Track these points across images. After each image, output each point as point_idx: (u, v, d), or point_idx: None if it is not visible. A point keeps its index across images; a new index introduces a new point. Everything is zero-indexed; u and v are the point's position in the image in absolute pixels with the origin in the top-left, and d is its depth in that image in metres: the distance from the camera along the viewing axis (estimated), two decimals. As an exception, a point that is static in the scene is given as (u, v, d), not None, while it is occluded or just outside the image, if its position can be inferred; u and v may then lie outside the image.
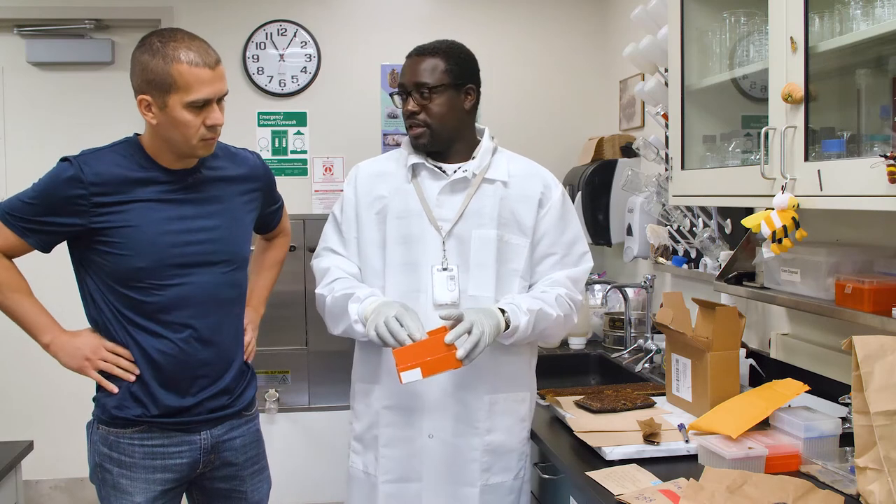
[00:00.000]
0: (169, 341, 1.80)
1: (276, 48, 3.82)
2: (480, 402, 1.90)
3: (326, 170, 3.85)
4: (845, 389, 1.79)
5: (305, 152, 3.86)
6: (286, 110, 3.85)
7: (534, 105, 3.95)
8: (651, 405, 2.13)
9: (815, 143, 1.68)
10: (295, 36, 3.83)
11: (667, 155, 2.49)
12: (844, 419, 1.79)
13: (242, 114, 3.74)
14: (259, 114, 3.83)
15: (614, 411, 2.06)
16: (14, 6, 3.72)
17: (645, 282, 2.98)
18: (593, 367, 3.09)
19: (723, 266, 2.31)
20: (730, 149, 2.09)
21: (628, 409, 2.08)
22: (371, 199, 1.94)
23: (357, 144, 3.79)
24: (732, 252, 2.32)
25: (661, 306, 2.17)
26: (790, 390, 1.84)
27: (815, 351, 2.13)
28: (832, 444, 1.72)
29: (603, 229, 3.37)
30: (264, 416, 3.50)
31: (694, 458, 1.78)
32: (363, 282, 1.94)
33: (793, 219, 1.66)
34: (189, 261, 1.81)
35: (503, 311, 1.81)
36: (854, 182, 1.51)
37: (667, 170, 2.42)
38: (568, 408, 2.12)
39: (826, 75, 1.76)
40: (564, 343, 3.20)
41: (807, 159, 1.65)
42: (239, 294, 1.95)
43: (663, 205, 2.81)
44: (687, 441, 1.82)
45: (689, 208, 2.67)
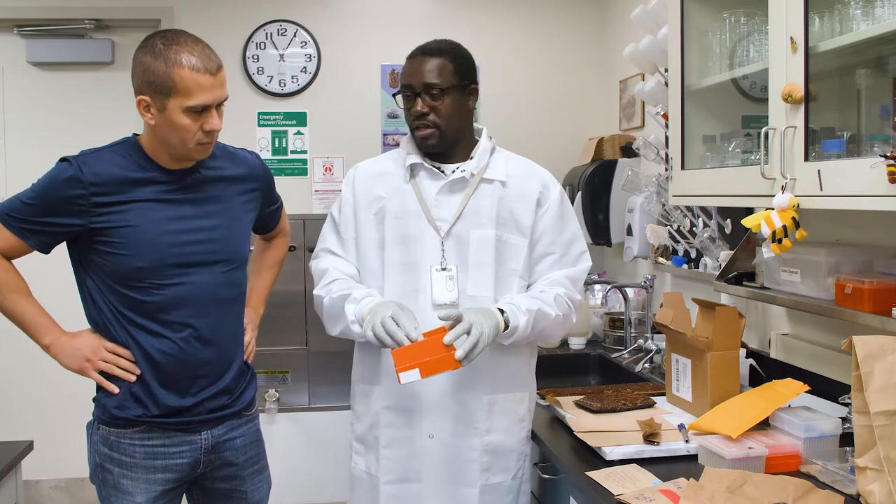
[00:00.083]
0: (169, 341, 1.80)
1: (276, 48, 3.82)
2: (479, 402, 1.90)
3: (326, 170, 3.85)
4: (845, 389, 1.79)
5: (305, 152, 3.86)
6: (286, 110, 3.85)
7: (534, 105, 3.95)
8: (651, 405, 2.13)
9: (815, 143, 1.68)
10: (295, 36, 3.83)
11: (667, 155, 2.49)
12: (844, 419, 1.79)
13: (242, 114, 3.74)
14: (259, 114, 3.83)
15: (614, 411, 2.06)
16: (14, 6, 3.72)
17: (645, 282, 2.98)
18: (593, 367, 3.09)
19: (723, 266, 2.31)
20: (730, 149, 2.09)
21: (628, 409, 2.08)
22: (369, 200, 1.94)
23: (357, 144, 3.79)
24: (732, 252, 2.32)
25: (661, 306, 2.17)
26: (790, 390, 1.84)
27: (815, 351, 2.13)
28: (832, 444, 1.72)
29: (603, 229, 3.37)
30: (264, 416, 3.50)
31: (694, 458, 1.78)
32: (362, 282, 1.94)
33: (793, 219, 1.66)
34: (189, 260, 1.81)
35: (502, 311, 1.81)
36: (854, 182, 1.51)
37: (667, 170, 2.42)
38: (568, 408, 2.12)
39: (826, 75, 1.76)
40: (564, 343, 3.20)
41: (807, 159, 1.65)
42: (238, 293, 1.95)
43: (663, 205, 2.81)
44: (687, 441, 1.82)
45: (689, 208, 2.67)
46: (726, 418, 1.80)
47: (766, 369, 2.29)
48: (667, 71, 2.39)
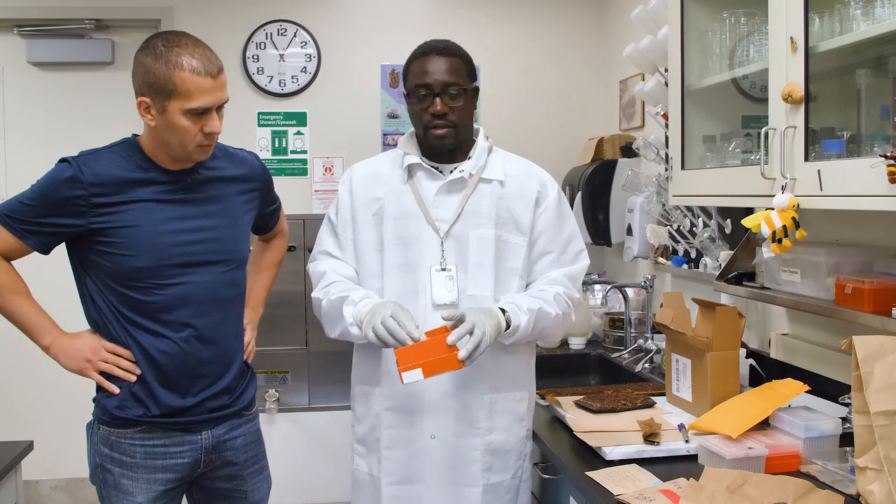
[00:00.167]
0: (170, 341, 1.80)
1: (276, 48, 3.81)
2: (481, 401, 1.90)
3: (326, 170, 3.85)
4: (845, 389, 1.79)
5: (305, 152, 3.86)
6: (286, 110, 3.84)
7: (534, 105, 3.95)
8: (651, 405, 2.13)
9: (815, 143, 1.68)
10: (295, 36, 3.83)
11: (667, 155, 2.49)
12: (844, 419, 1.79)
13: (242, 114, 3.74)
14: (259, 114, 3.83)
15: (614, 411, 2.06)
16: (14, 6, 3.71)
17: (645, 282, 2.98)
18: (593, 367, 3.09)
19: (723, 266, 2.31)
20: (730, 149, 2.09)
21: (628, 409, 2.08)
22: (367, 201, 1.94)
23: (357, 144, 3.79)
24: (732, 252, 2.32)
25: (661, 306, 2.17)
26: (790, 390, 1.84)
27: (815, 351, 2.13)
28: (832, 444, 1.72)
29: (603, 229, 3.37)
30: (264, 416, 3.50)
31: (694, 458, 1.78)
32: (361, 284, 1.93)
33: (793, 219, 1.66)
34: (189, 260, 1.81)
35: (503, 310, 1.81)
36: (854, 182, 1.51)
37: (667, 170, 2.42)
38: (568, 408, 2.12)
39: (826, 75, 1.76)
40: (564, 343, 3.20)
41: (807, 159, 1.65)
42: (238, 293, 1.95)
43: (663, 205, 2.81)
44: (687, 441, 1.82)
45: (689, 208, 2.67)
46: (726, 418, 1.80)
47: (766, 369, 2.29)
48: (667, 71, 2.40)
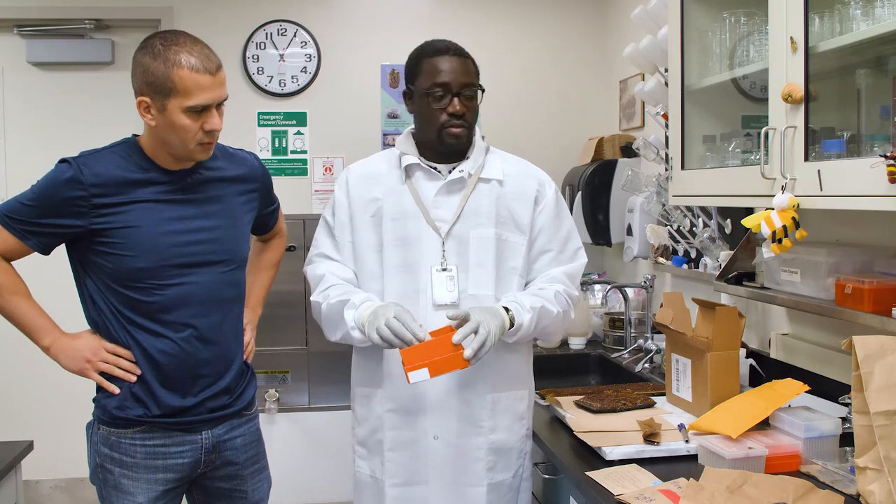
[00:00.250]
0: (170, 341, 1.80)
1: (276, 48, 3.82)
2: (483, 400, 1.90)
3: (326, 170, 3.85)
4: (845, 389, 1.79)
5: (305, 152, 3.86)
6: (286, 110, 3.85)
7: (534, 105, 3.95)
8: (651, 405, 2.13)
9: (815, 143, 1.68)
10: (295, 36, 3.83)
11: (667, 155, 2.49)
12: (844, 419, 1.79)
13: (242, 114, 3.74)
14: (259, 114, 3.83)
15: (614, 411, 2.06)
16: (14, 6, 3.71)
17: (645, 282, 2.98)
18: (593, 367, 3.09)
19: (723, 266, 2.31)
20: (730, 149, 2.09)
21: (628, 409, 2.08)
22: (365, 202, 1.93)
23: (357, 144, 3.79)
24: (732, 252, 2.32)
25: (661, 306, 2.17)
26: (790, 390, 1.84)
27: (815, 351, 2.13)
28: (832, 444, 1.72)
29: (603, 229, 3.37)
30: (264, 416, 3.50)
31: (694, 458, 1.78)
32: (360, 285, 1.93)
33: (793, 219, 1.66)
34: (189, 261, 1.81)
35: (507, 309, 1.81)
36: (854, 182, 1.51)
37: (667, 170, 2.42)
38: (568, 408, 2.12)
39: (826, 75, 1.76)
40: (564, 343, 3.20)
41: (807, 159, 1.65)
42: (238, 293, 1.95)
43: (663, 205, 2.81)
44: (687, 441, 1.82)
45: (689, 208, 2.67)
46: (726, 418, 1.80)
47: (766, 369, 2.29)
48: (667, 71, 2.40)
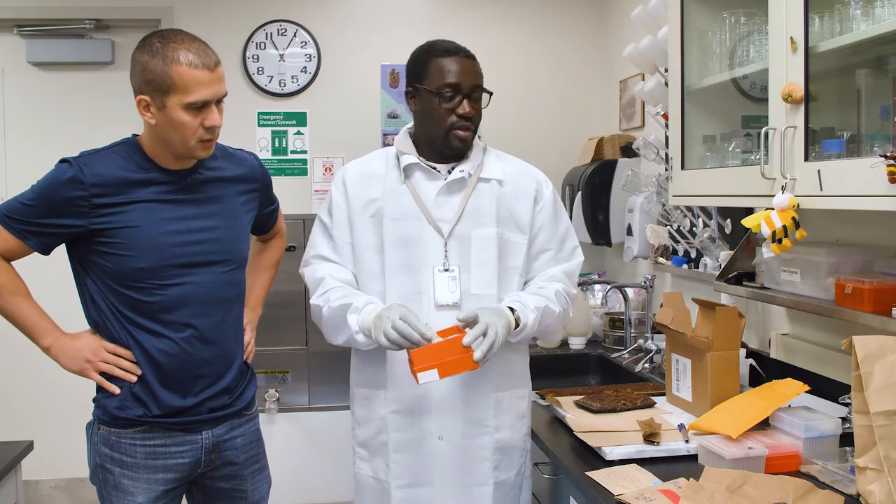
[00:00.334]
0: (170, 341, 1.80)
1: (276, 48, 3.82)
2: (488, 400, 1.90)
3: (326, 170, 3.85)
4: (845, 389, 1.79)
5: (305, 152, 3.86)
6: (286, 110, 3.85)
7: (534, 105, 3.95)
8: (651, 405, 2.13)
9: (815, 143, 1.68)
10: (295, 36, 3.83)
11: (667, 155, 2.49)
12: (844, 419, 1.79)
13: (242, 114, 3.74)
14: (259, 114, 3.83)
15: (614, 411, 2.06)
16: (14, 6, 3.71)
17: (645, 282, 2.98)
18: (593, 367, 3.09)
19: (723, 266, 2.31)
20: (730, 149, 2.09)
21: (628, 409, 2.08)
22: (364, 203, 1.92)
23: (357, 144, 3.78)
24: (732, 252, 2.32)
25: (661, 306, 2.17)
26: (790, 390, 1.84)
27: (815, 351, 2.13)
28: (832, 444, 1.72)
29: (603, 229, 3.37)
30: (264, 416, 3.50)
31: (694, 458, 1.78)
32: (360, 286, 1.92)
33: (793, 219, 1.66)
34: (190, 261, 1.81)
35: (512, 309, 1.82)
36: (854, 182, 1.51)
37: (667, 170, 2.42)
38: (568, 408, 2.12)
39: (826, 75, 1.76)
40: (564, 343, 3.20)
41: (807, 159, 1.65)
42: (238, 293, 1.95)
43: (663, 205, 2.81)
44: (687, 441, 1.83)
45: (689, 208, 2.67)
46: (726, 418, 1.80)
47: (766, 369, 2.29)
48: (667, 71, 2.40)
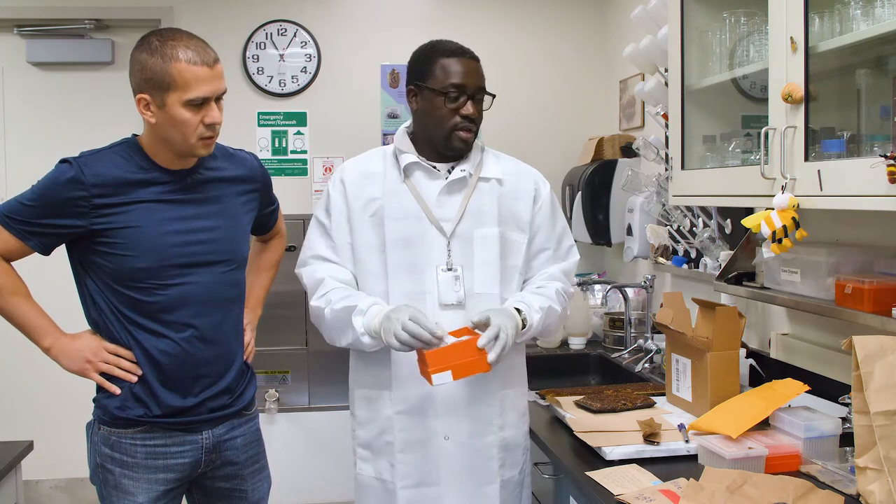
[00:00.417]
0: (171, 341, 1.80)
1: (276, 48, 3.82)
2: (493, 399, 1.90)
3: (326, 170, 3.85)
4: (845, 389, 1.79)
5: (305, 152, 3.86)
6: (286, 110, 3.84)
7: (534, 105, 3.95)
8: (651, 405, 2.13)
9: (815, 143, 1.68)
10: (295, 36, 3.83)
11: (667, 155, 2.49)
12: (844, 419, 1.79)
13: (242, 114, 3.74)
14: (259, 114, 3.83)
15: (614, 411, 2.06)
16: (14, 6, 3.71)
17: (645, 282, 2.98)
18: (593, 367, 3.09)
19: (723, 266, 2.31)
20: (730, 149, 2.09)
21: (628, 409, 2.08)
22: (363, 202, 1.90)
23: (357, 144, 3.76)
24: (732, 252, 2.32)
25: (661, 306, 2.17)
26: (790, 390, 1.84)
27: (815, 351, 2.13)
28: (832, 444, 1.72)
29: (603, 229, 3.37)
30: (264, 416, 3.50)
31: (694, 458, 1.78)
32: (360, 287, 1.90)
33: (793, 219, 1.66)
34: (190, 261, 1.81)
35: (518, 310, 1.82)
36: (854, 182, 1.51)
37: (667, 170, 2.42)
38: (568, 408, 2.12)
39: (826, 75, 1.76)
40: (564, 343, 3.20)
41: (807, 159, 1.65)
42: (238, 293, 1.95)
43: (663, 205, 2.81)
44: (687, 441, 1.83)
45: (689, 208, 2.67)
46: (726, 418, 1.80)
47: (766, 369, 2.29)
48: (667, 71, 2.39)
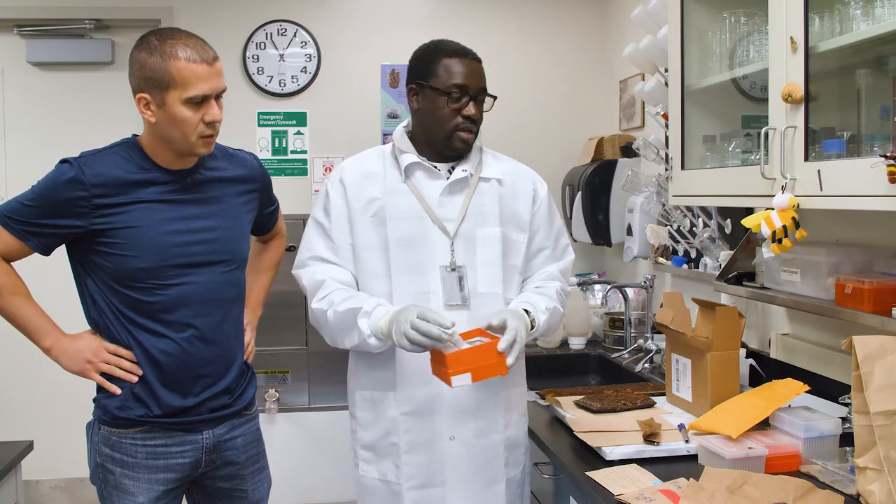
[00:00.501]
0: (171, 341, 1.80)
1: (276, 48, 3.82)
2: (498, 398, 1.90)
3: (326, 170, 3.85)
4: (845, 389, 1.79)
5: (305, 152, 3.86)
6: (286, 110, 3.84)
7: (534, 105, 3.95)
8: (651, 405, 2.13)
9: (815, 143, 1.68)
10: (295, 36, 3.83)
11: (667, 155, 2.49)
12: (844, 419, 1.79)
13: (242, 114, 3.74)
14: (259, 114, 3.83)
15: (614, 411, 2.06)
16: (14, 6, 3.71)
17: (645, 282, 2.98)
18: (593, 367, 3.09)
19: (723, 266, 2.31)
20: (730, 149, 2.09)
21: (628, 409, 2.08)
22: (364, 203, 1.89)
23: (357, 144, 3.74)
24: (732, 252, 2.32)
25: (661, 306, 2.17)
26: (790, 390, 1.84)
27: (815, 351, 2.13)
28: (832, 444, 1.72)
29: (603, 229, 3.37)
30: (264, 416, 3.50)
31: (694, 458, 1.78)
32: (361, 287, 1.89)
33: (793, 219, 1.66)
34: (190, 261, 1.81)
35: (526, 311, 1.82)
36: (854, 182, 1.51)
37: (667, 170, 2.42)
38: (568, 408, 2.12)
39: (826, 75, 1.76)
40: (564, 343, 3.20)
41: (807, 159, 1.65)
42: (238, 293, 1.95)
43: (663, 205, 2.81)
44: (687, 441, 1.83)
45: (689, 208, 2.67)
46: (726, 418, 1.80)
47: (766, 369, 2.29)
48: (667, 71, 2.39)
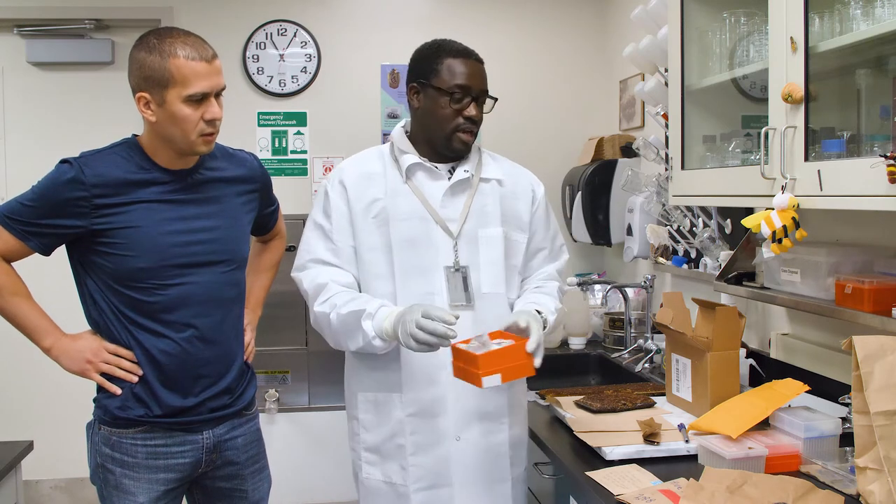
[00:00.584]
0: (171, 341, 1.80)
1: (276, 48, 3.81)
2: (502, 398, 1.90)
3: (326, 170, 3.85)
4: (845, 389, 1.79)
5: (305, 152, 3.86)
6: (286, 110, 3.84)
7: (534, 105, 3.94)
8: (651, 405, 2.13)
9: (815, 143, 1.68)
10: (295, 36, 3.83)
11: (667, 155, 2.49)
12: (844, 419, 1.79)
13: (242, 114, 3.74)
14: (259, 114, 3.83)
15: (614, 411, 2.06)
16: (14, 6, 3.71)
17: (645, 282, 2.98)
18: (593, 367, 3.09)
19: (723, 266, 2.31)
20: (730, 149, 2.09)
21: (628, 409, 2.08)
22: (365, 204, 1.88)
23: (357, 144, 3.73)
24: (732, 252, 2.32)
25: (661, 306, 2.17)
26: (790, 390, 1.84)
27: (815, 351, 2.13)
28: (832, 444, 1.72)
29: (603, 229, 3.37)
30: (264, 416, 3.50)
31: (694, 458, 1.78)
32: (365, 289, 1.88)
33: (793, 219, 1.66)
34: (191, 261, 1.81)
35: (539, 311, 1.83)
36: (854, 182, 1.51)
37: (667, 170, 2.42)
38: (568, 408, 2.12)
39: (826, 75, 1.76)
40: (564, 343, 3.20)
41: (807, 159, 1.65)
42: (238, 293, 1.95)
43: (663, 205, 2.81)
44: (687, 441, 1.83)
45: (689, 208, 2.67)
46: (726, 418, 1.80)
47: (766, 369, 2.29)
48: (667, 71, 2.39)
